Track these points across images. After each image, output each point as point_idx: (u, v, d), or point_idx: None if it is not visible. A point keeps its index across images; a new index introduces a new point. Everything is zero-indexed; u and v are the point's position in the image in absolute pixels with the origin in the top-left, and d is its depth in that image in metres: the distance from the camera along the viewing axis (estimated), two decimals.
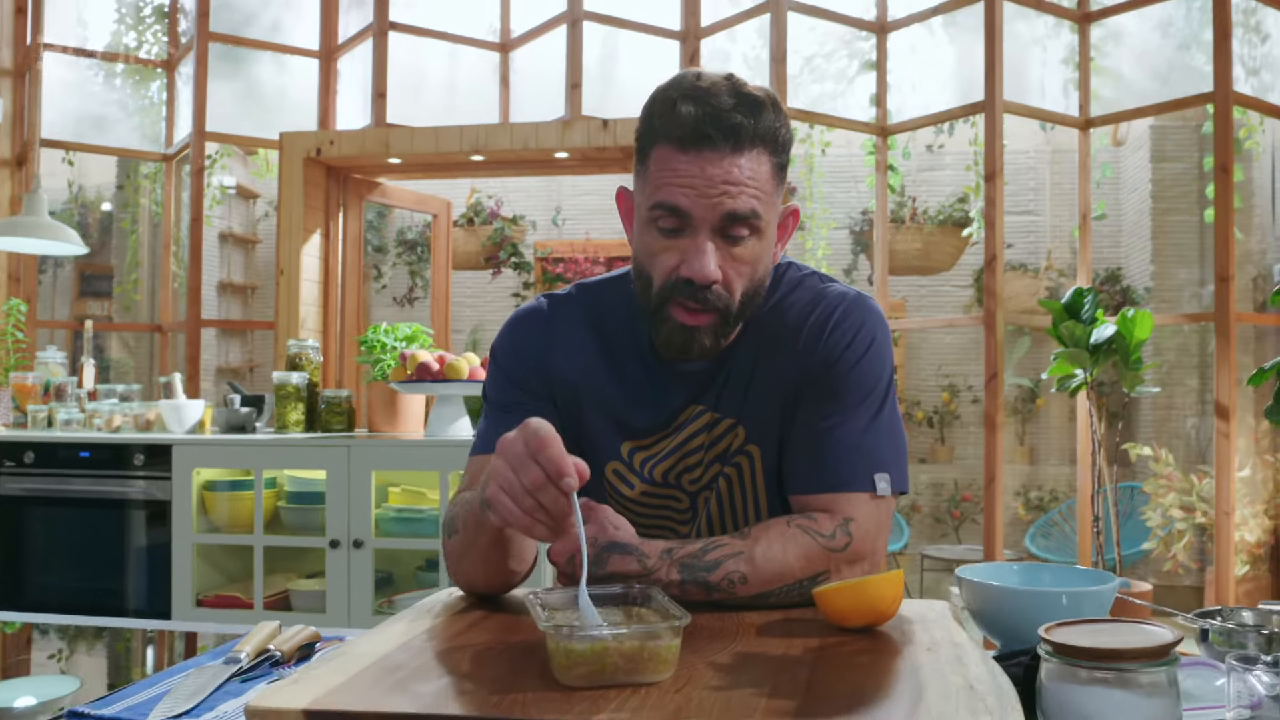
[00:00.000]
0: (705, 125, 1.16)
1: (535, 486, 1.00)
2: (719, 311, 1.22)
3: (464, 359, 3.17)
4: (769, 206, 1.22)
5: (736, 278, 1.22)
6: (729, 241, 1.20)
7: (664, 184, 1.19)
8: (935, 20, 4.75)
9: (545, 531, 1.03)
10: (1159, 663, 0.87)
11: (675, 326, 1.23)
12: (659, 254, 1.22)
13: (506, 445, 1.03)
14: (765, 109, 1.19)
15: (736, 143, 1.17)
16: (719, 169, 1.17)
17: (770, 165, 1.21)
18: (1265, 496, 4.66)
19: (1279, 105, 4.50)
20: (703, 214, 1.18)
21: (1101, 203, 6.25)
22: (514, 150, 4.72)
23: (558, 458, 0.99)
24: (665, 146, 1.20)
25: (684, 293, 1.21)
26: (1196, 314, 5.07)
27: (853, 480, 1.23)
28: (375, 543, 3.12)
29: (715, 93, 1.18)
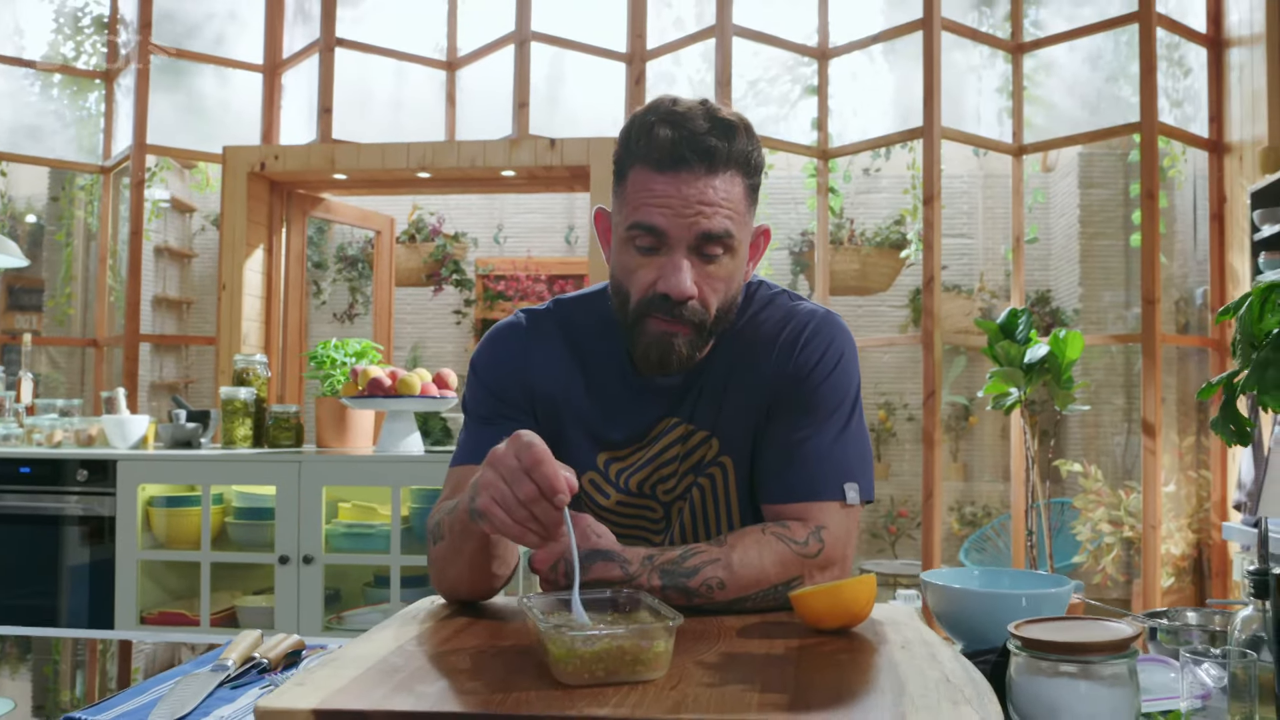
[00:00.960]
0: (681, 148, 1.22)
1: (529, 499, 1.04)
2: (694, 325, 1.27)
3: (416, 374, 3.18)
4: (742, 226, 1.27)
5: (711, 294, 1.27)
6: (704, 260, 1.25)
7: (641, 204, 1.24)
8: (875, 48, 4.88)
9: (536, 540, 1.07)
10: (1120, 655, 0.93)
11: (653, 337, 1.27)
12: (636, 271, 1.27)
13: (498, 459, 1.06)
14: (739, 133, 1.25)
15: (711, 165, 1.22)
16: (694, 190, 1.22)
17: (743, 187, 1.26)
18: (1189, 511, 4.83)
19: (1201, 136, 4.69)
20: (679, 233, 1.23)
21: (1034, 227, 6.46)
22: (461, 168, 4.74)
23: (551, 475, 1.03)
24: (642, 169, 1.25)
25: (661, 308, 1.26)
26: (1124, 335, 5.25)
27: (824, 490, 1.28)
28: (326, 558, 3.11)
29: (691, 117, 1.23)
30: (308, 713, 0.86)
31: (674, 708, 0.85)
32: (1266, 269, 4.05)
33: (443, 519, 1.25)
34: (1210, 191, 4.76)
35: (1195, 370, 5.31)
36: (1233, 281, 4.64)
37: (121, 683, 1.24)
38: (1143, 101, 4.43)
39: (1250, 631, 1.03)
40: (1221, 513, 4.64)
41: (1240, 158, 4.58)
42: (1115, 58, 4.71)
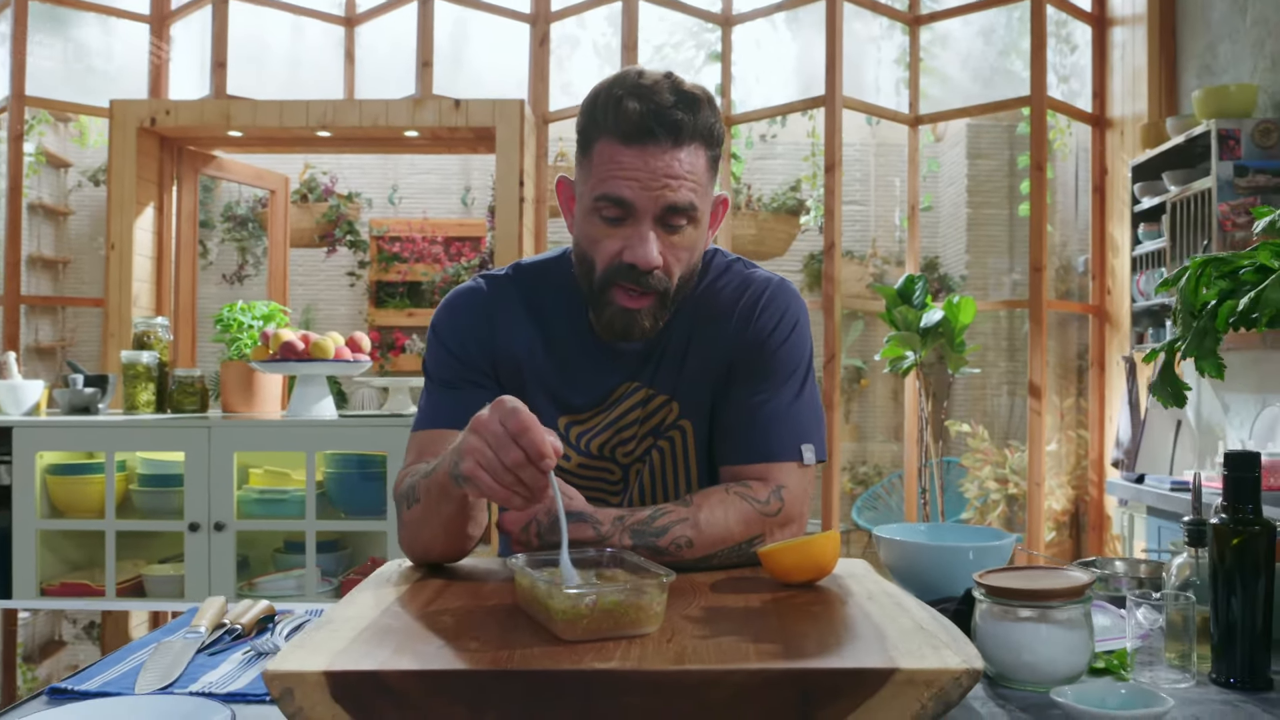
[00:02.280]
0: (649, 121, 1.24)
1: (515, 465, 1.06)
2: (658, 295, 1.30)
3: (330, 338, 3.13)
4: (704, 198, 1.31)
5: (675, 263, 1.30)
6: (668, 230, 1.28)
7: (609, 177, 1.26)
8: (778, 16, 4.94)
9: (521, 503, 1.09)
10: (1077, 601, 1.01)
11: (617, 310, 1.30)
12: (602, 241, 1.29)
13: (483, 425, 1.08)
14: (703, 106, 1.28)
15: (677, 138, 1.25)
16: (660, 162, 1.25)
17: (706, 159, 1.30)
18: (1068, 468, 5.09)
19: (1085, 110, 4.90)
20: (645, 205, 1.26)
21: (928, 195, 6.65)
22: (363, 127, 4.65)
23: (539, 441, 1.06)
24: (609, 141, 1.27)
25: (626, 277, 1.28)
26: (1013, 301, 5.48)
27: (782, 451, 1.33)
28: (237, 525, 3.06)
29: (657, 90, 1.26)
30: (319, 674, 0.87)
31: (676, 659, 0.89)
32: (1145, 239, 4.28)
33: (417, 483, 1.26)
34: (1092, 164, 4.98)
35: (1076, 335, 5.57)
36: (1113, 251, 4.88)
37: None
38: (1033, 76, 4.60)
39: (1184, 577, 1.12)
40: (1099, 470, 4.91)
41: (1121, 132, 4.81)
42: (1008, 33, 4.88)
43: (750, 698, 0.87)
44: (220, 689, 1.00)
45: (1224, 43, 4.13)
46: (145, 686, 0.99)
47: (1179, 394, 1.11)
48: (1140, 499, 3.49)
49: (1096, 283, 4.98)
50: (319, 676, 0.87)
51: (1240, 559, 1.02)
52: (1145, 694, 0.92)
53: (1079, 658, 1.00)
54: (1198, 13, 4.33)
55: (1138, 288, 4.32)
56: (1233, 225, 3.64)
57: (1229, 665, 1.03)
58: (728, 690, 0.87)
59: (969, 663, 0.88)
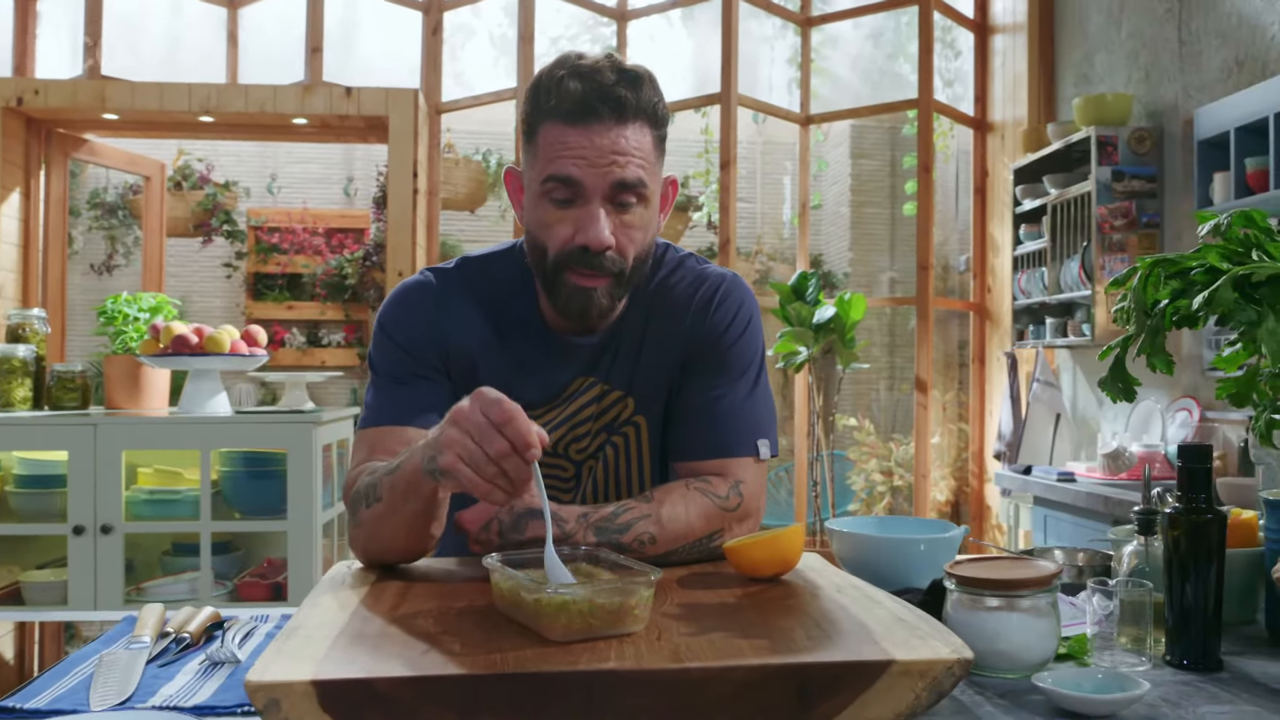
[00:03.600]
0: (592, 99, 1.23)
1: (500, 455, 1.03)
2: (613, 276, 1.28)
3: (225, 331, 3.02)
4: (653, 176, 1.30)
5: (628, 243, 1.28)
6: (619, 209, 1.27)
7: (555, 157, 1.25)
8: (674, 12, 4.97)
9: (502, 496, 1.06)
10: (1045, 590, 1.04)
11: (573, 289, 1.28)
12: (553, 225, 1.27)
13: (464, 416, 1.05)
14: (645, 84, 1.27)
15: (621, 115, 1.24)
16: (606, 140, 1.23)
17: (652, 137, 1.28)
18: (950, 460, 5.27)
19: (968, 114, 5.08)
20: (594, 183, 1.24)
21: (817, 194, 6.78)
22: (248, 113, 4.49)
23: (525, 431, 1.03)
24: (554, 123, 1.25)
25: (579, 260, 1.26)
26: (900, 298, 5.63)
27: (739, 446, 1.34)
28: (126, 527, 2.91)
29: (599, 70, 1.25)
30: (306, 684, 0.83)
31: (674, 657, 0.89)
32: (1027, 239, 4.45)
33: (379, 480, 1.21)
34: (974, 166, 5.16)
35: (956, 331, 5.76)
36: (993, 250, 5.07)
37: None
38: (921, 80, 4.73)
39: (1134, 564, 1.17)
40: (980, 462, 5.09)
41: (1002, 136, 4.99)
42: (896, 37, 5.02)
43: (750, 693, 0.87)
44: (184, 702, 0.95)
45: (1100, 53, 4.32)
46: (101, 702, 0.93)
47: (1129, 390, 1.16)
48: (1027, 490, 3.64)
49: (977, 281, 5.16)
50: (306, 686, 0.83)
51: (1194, 546, 1.06)
52: (1120, 678, 0.96)
53: (1049, 644, 1.03)
54: (1075, 23, 4.52)
55: (1019, 286, 4.49)
56: (1111, 228, 3.82)
57: (1183, 648, 1.07)
58: (729, 687, 0.87)
59: (958, 652, 0.90)
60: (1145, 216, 3.82)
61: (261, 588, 3.06)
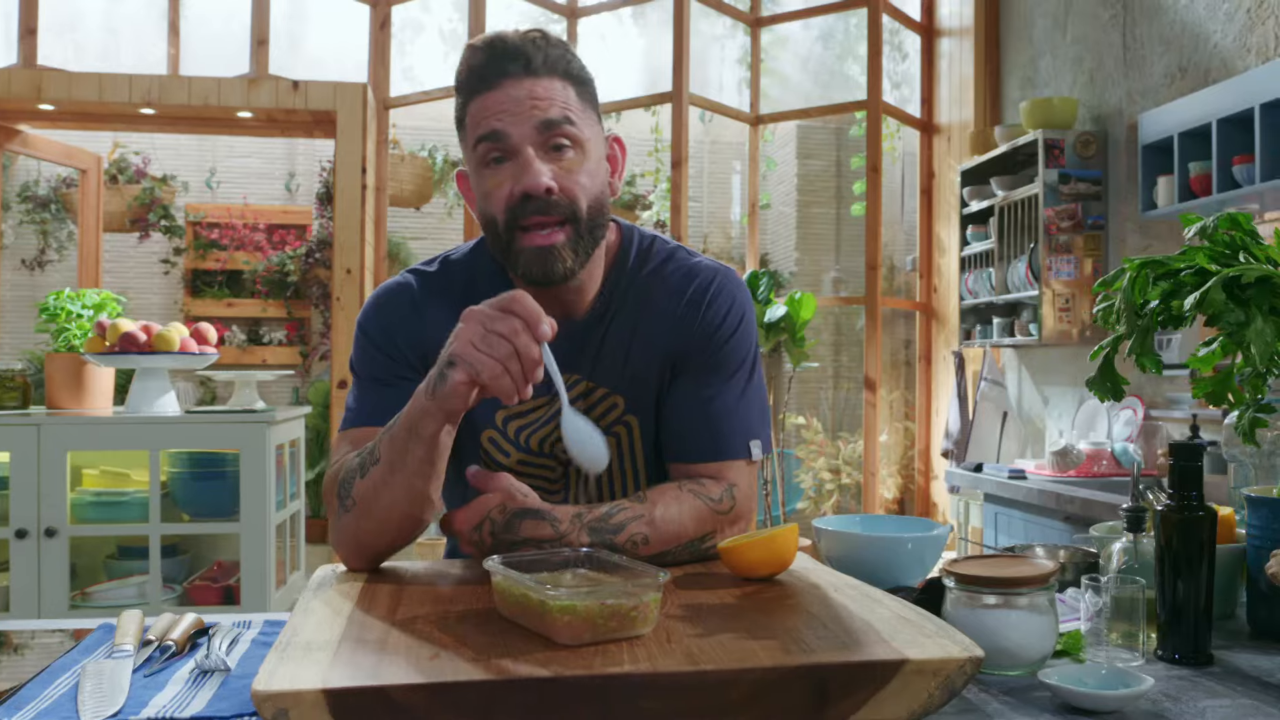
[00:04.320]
0: (498, 59, 1.24)
1: (512, 332, 1.03)
2: (568, 221, 1.25)
3: (174, 328, 2.95)
4: (585, 123, 1.28)
5: (574, 186, 1.25)
6: (554, 155, 1.25)
7: (479, 122, 1.25)
8: (625, 11, 4.96)
9: (511, 385, 1.05)
10: (1044, 587, 1.05)
11: (531, 252, 1.25)
12: (495, 189, 1.26)
13: (473, 311, 1.07)
14: (551, 43, 1.27)
15: (530, 67, 1.24)
16: (521, 90, 1.24)
17: (574, 91, 1.27)
18: (896, 458, 5.33)
19: (915, 116, 5.14)
20: (519, 129, 1.23)
21: (766, 194, 6.81)
22: (191, 106, 4.39)
23: (534, 307, 1.04)
24: (473, 98, 1.26)
25: (527, 211, 1.24)
26: (849, 298, 5.68)
27: (732, 448, 1.33)
28: (71, 530, 2.83)
29: (501, 36, 1.27)
30: (316, 692, 0.81)
31: (689, 660, 0.88)
32: (974, 240, 4.52)
33: (377, 443, 1.17)
34: (920, 168, 5.22)
35: (902, 330, 5.83)
36: (939, 250, 5.14)
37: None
38: (870, 82, 4.78)
39: (1123, 562, 1.18)
40: (926, 460, 5.16)
41: (948, 138, 5.06)
42: (845, 38, 5.06)
43: (766, 694, 0.87)
44: (179, 712, 0.92)
45: (1045, 57, 4.40)
46: (93, 715, 0.90)
47: (1118, 389, 1.17)
48: (978, 487, 3.69)
49: (924, 281, 5.23)
50: (317, 695, 0.81)
51: (1186, 543, 1.08)
52: (1124, 675, 0.97)
53: (1048, 641, 1.04)
54: (1021, 28, 4.60)
55: (966, 286, 4.56)
56: (1057, 229, 3.89)
57: (1175, 643, 1.09)
58: (745, 689, 0.86)
59: (969, 651, 0.90)
60: (1091, 219, 3.90)
61: (213, 591, 2.99)
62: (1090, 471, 3.48)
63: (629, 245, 1.39)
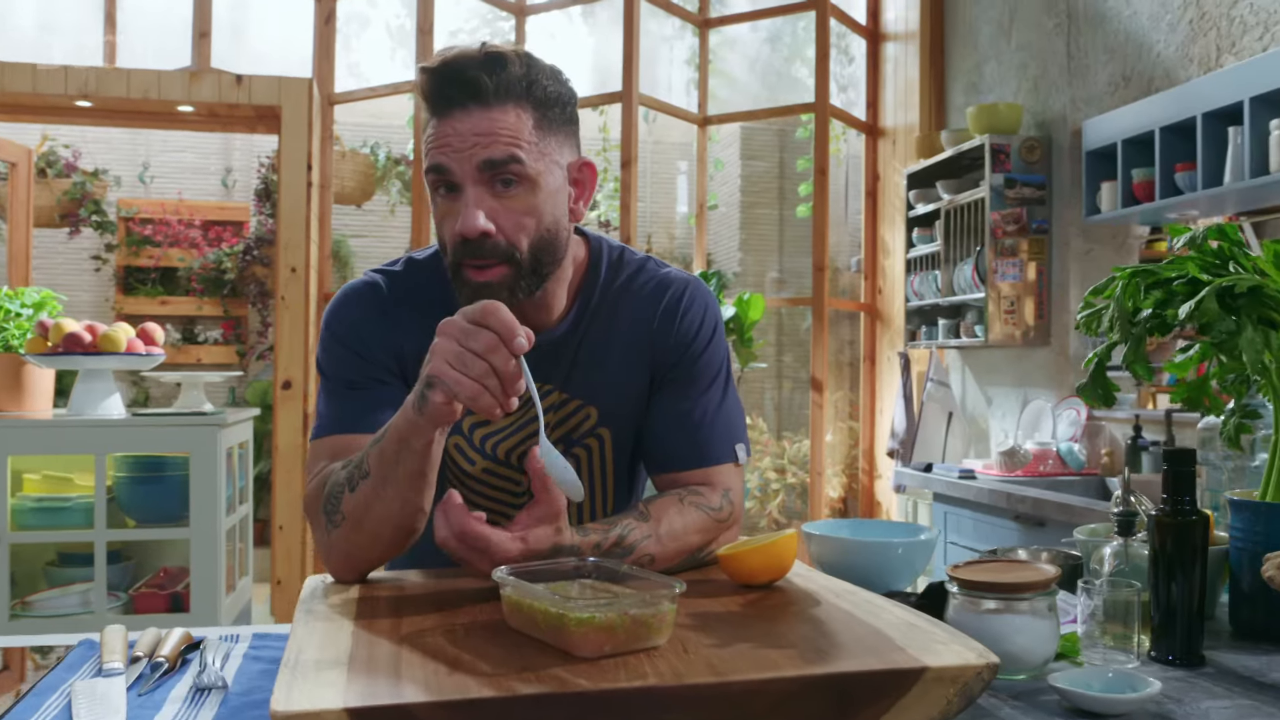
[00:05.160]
0: (449, 89, 1.18)
1: (487, 350, 1.01)
2: (507, 263, 1.22)
3: (119, 328, 2.87)
4: (536, 156, 1.21)
5: (516, 228, 1.21)
6: (498, 190, 1.21)
7: (428, 151, 1.21)
8: (574, 9, 4.94)
9: (490, 401, 1.03)
10: (1046, 592, 1.06)
11: (471, 287, 1.22)
12: (443, 220, 1.23)
13: (448, 324, 1.04)
14: (510, 64, 1.20)
15: (480, 98, 1.18)
16: (468, 124, 1.18)
17: (531, 118, 1.21)
18: (841, 456, 5.39)
19: (861, 119, 5.19)
20: (461, 167, 1.19)
21: (714, 194, 6.83)
22: (130, 99, 4.27)
23: (509, 320, 1.02)
24: (430, 120, 1.22)
25: (466, 251, 1.21)
26: (796, 298, 5.72)
27: (720, 454, 1.32)
28: (12, 537, 2.74)
29: (460, 58, 1.20)
30: (339, 712, 0.79)
31: (712, 671, 0.87)
32: (920, 243, 4.58)
33: (364, 456, 1.14)
34: (865, 171, 5.28)
35: (846, 330, 5.89)
36: (884, 253, 5.20)
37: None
38: (818, 85, 4.82)
39: (1115, 565, 1.20)
40: (870, 459, 5.22)
41: (893, 141, 5.12)
42: (793, 41, 5.09)
43: (791, 704, 0.86)
44: None
45: (990, 63, 4.48)
46: None
47: (1109, 395, 1.19)
48: (928, 487, 3.74)
49: (869, 282, 5.29)
50: (340, 715, 0.79)
51: (1179, 547, 1.11)
52: (1130, 678, 0.98)
53: (1050, 645, 1.06)
54: (966, 34, 4.67)
55: (912, 288, 4.62)
56: (1003, 233, 3.96)
57: (1169, 644, 1.11)
58: (771, 699, 0.86)
59: (985, 657, 0.91)
60: (1036, 223, 3.97)
61: (160, 599, 2.92)
62: (1037, 471, 3.55)
63: (599, 257, 1.38)
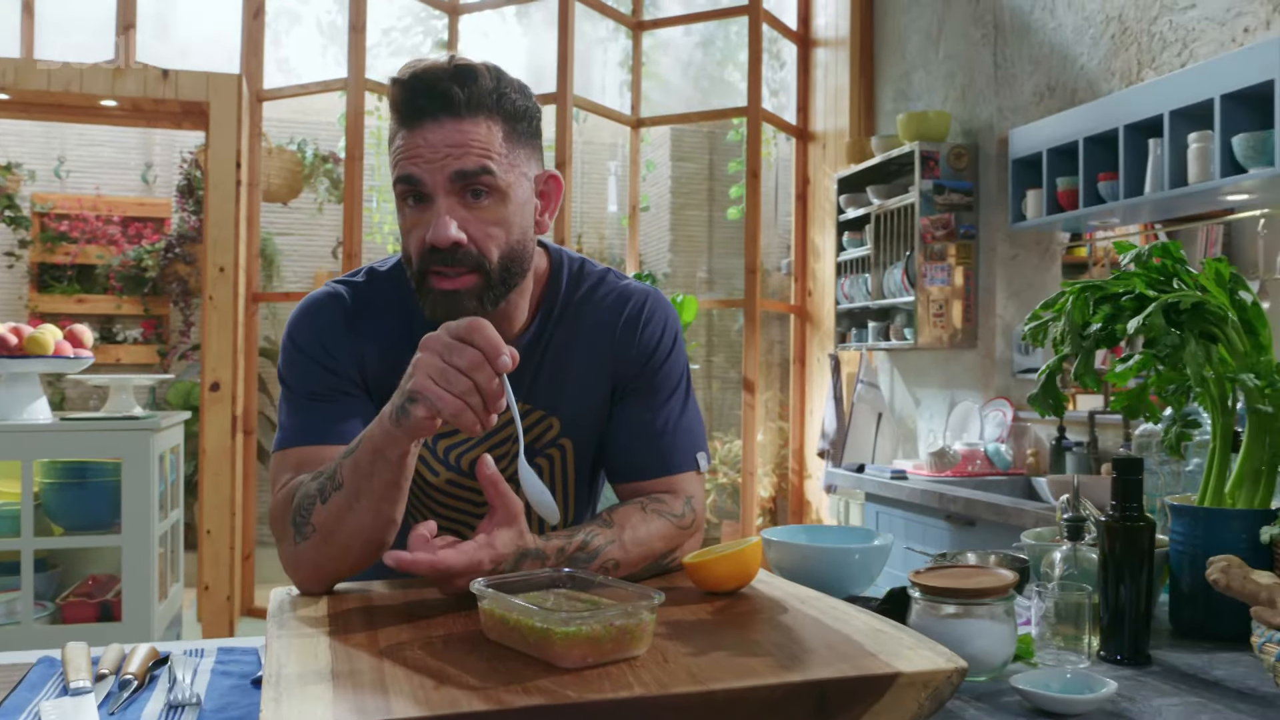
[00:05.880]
0: (420, 99, 1.21)
1: (471, 367, 1.02)
2: (476, 272, 1.23)
3: (47, 331, 2.79)
4: (506, 168, 1.23)
5: (486, 238, 1.23)
6: (470, 203, 1.22)
7: (398, 162, 1.23)
8: (508, 9, 4.93)
9: (472, 418, 1.04)
10: (1005, 597, 1.10)
11: (437, 295, 1.23)
12: (411, 230, 1.25)
13: (431, 340, 1.05)
14: (481, 77, 1.23)
15: (452, 110, 1.21)
16: (439, 135, 1.20)
17: (501, 130, 1.23)
18: (771, 456, 5.45)
19: (791, 123, 5.26)
20: (433, 178, 1.21)
21: (645, 195, 6.85)
22: (51, 92, 4.16)
23: (494, 338, 1.03)
24: (399, 131, 1.23)
25: (435, 260, 1.22)
26: (728, 300, 5.78)
27: (682, 462, 1.35)
28: None
29: (430, 70, 1.22)
30: None
31: (693, 679, 0.89)
32: (850, 246, 4.66)
33: (336, 468, 1.14)
34: (796, 174, 5.36)
35: (775, 332, 5.97)
36: (814, 255, 5.28)
37: None
38: (750, 89, 4.87)
39: (1065, 569, 1.25)
40: (800, 459, 5.30)
41: (823, 146, 5.20)
42: (726, 45, 5.14)
43: (771, 711, 0.89)
44: None
45: (918, 71, 4.57)
46: None
47: (1059, 405, 1.24)
48: (860, 487, 3.81)
49: (798, 284, 5.36)
50: None
51: (1128, 551, 1.16)
52: (1087, 678, 1.03)
53: (1008, 647, 1.10)
54: (895, 42, 4.76)
55: (842, 291, 4.70)
56: (932, 237, 4.05)
57: (1117, 645, 1.16)
58: (752, 706, 0.88)
59: (954, 662, 0.94)
60: (963, 228, 4.07)
61: (89, 608, 2.85)
62: (965, 471, 3.64)
63: (560, 269, 1.40)
